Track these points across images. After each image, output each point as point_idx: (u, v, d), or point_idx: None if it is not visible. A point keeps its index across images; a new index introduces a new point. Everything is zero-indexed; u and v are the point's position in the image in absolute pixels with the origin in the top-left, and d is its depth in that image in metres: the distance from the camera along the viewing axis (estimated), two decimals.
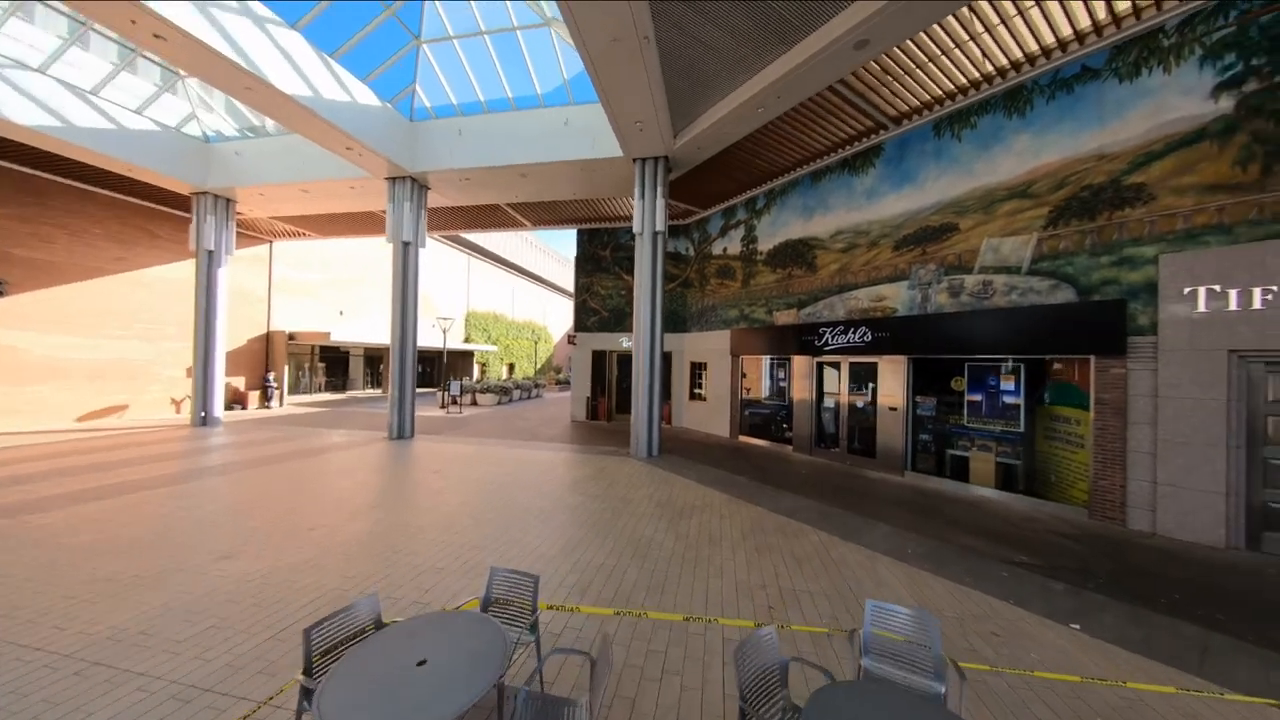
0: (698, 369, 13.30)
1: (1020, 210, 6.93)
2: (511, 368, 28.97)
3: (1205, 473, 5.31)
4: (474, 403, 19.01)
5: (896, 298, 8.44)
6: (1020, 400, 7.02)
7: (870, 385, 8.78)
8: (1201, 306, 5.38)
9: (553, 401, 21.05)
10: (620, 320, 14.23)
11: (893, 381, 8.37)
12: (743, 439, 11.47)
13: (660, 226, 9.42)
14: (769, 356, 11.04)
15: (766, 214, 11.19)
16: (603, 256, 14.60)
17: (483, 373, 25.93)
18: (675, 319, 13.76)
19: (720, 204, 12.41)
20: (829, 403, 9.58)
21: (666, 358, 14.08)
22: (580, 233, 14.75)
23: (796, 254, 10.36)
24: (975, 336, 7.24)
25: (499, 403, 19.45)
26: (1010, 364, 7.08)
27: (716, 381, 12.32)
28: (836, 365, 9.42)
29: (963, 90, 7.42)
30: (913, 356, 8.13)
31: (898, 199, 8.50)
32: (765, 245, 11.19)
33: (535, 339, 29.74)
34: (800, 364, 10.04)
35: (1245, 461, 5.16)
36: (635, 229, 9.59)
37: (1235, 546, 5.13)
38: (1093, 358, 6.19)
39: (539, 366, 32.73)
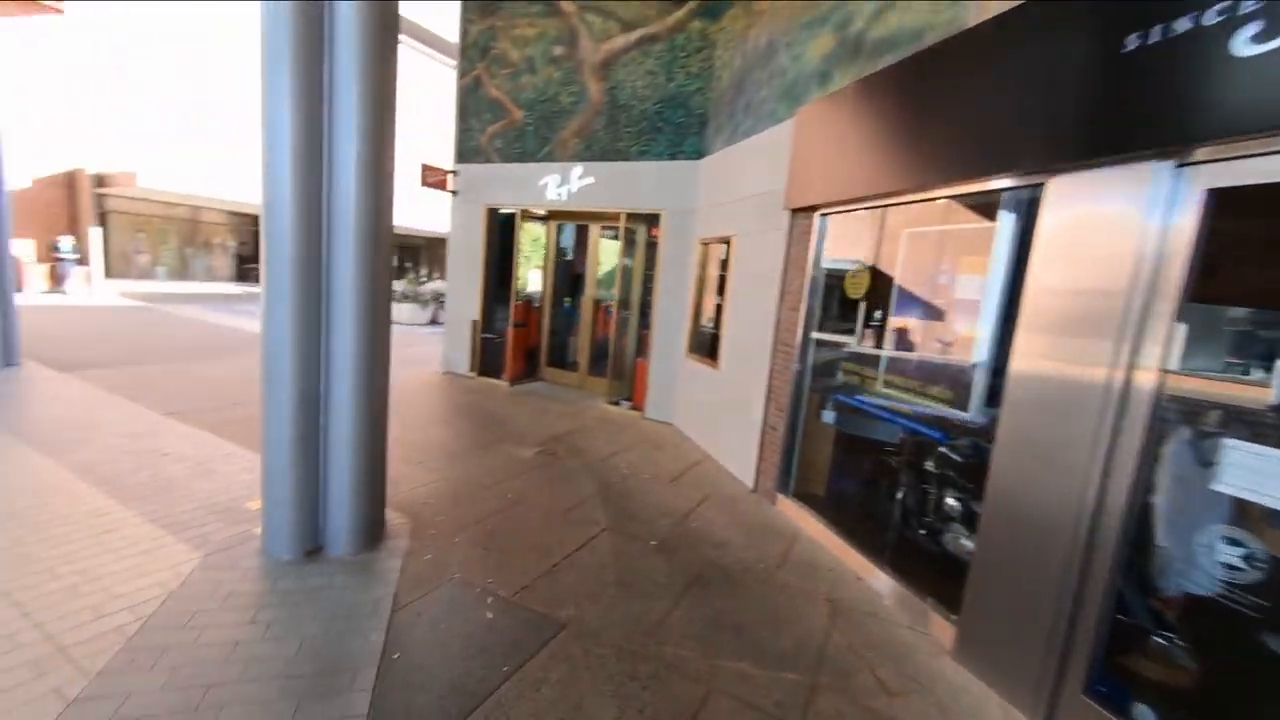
0: (717, 268, 5.94)
1: None
2: None
3: None
4: None
5: None
6: None
7: None
8: None
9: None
10: (549, 130, 7.12)
11: None
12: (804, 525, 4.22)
13: None
14: (962, 191, 3.27)
15: None
16: None
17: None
18: (679, 120, 6.27)
19: None
20: None
21: (644, 234, 6.93)
22: None
23: None
24: None
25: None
26: None
27: (750, 296, 4.90)
28: None
29: None
30: None
31: None
32: None
33: None
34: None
35: None
36: None
37: None
38: None
39: None
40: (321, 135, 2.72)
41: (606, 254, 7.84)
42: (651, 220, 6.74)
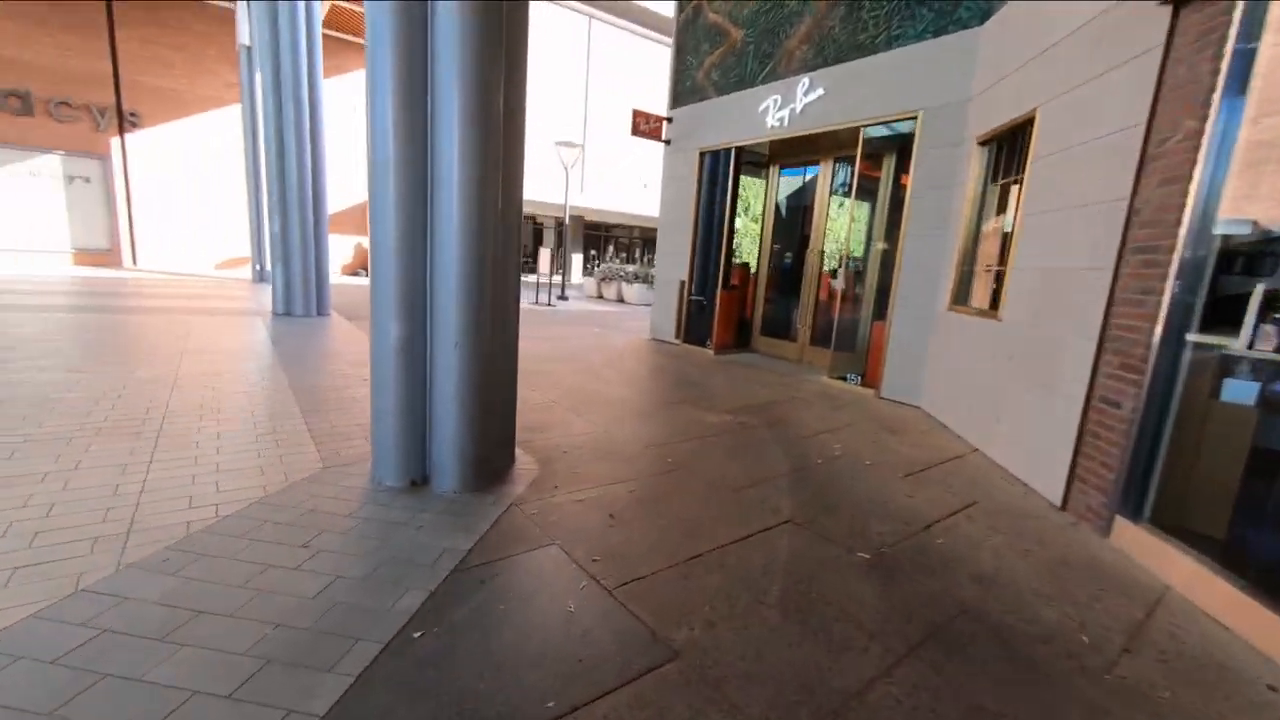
0: (1001, 182, 4.04)
1: None
2: None
3: None
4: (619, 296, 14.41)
5: None
6: None
7: None
8: None
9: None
10: (771, 44, 5.92)
11: None
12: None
13: None
14: None
15: None
16: None
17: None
18: None
19: None
20: None
21: (894, 156, 5.20)
22: None
23: None
24: None
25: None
26: None
27: (1067, 193, 3.02)
28: None
29: None
30: None
31: None
32: None
33: None
34: None
35: None
36: None
37: None
38: None
39: None
40: (426, 90, 2.21)
41: (836, 210, 6.31)
42: (903, 147, 5.04)
